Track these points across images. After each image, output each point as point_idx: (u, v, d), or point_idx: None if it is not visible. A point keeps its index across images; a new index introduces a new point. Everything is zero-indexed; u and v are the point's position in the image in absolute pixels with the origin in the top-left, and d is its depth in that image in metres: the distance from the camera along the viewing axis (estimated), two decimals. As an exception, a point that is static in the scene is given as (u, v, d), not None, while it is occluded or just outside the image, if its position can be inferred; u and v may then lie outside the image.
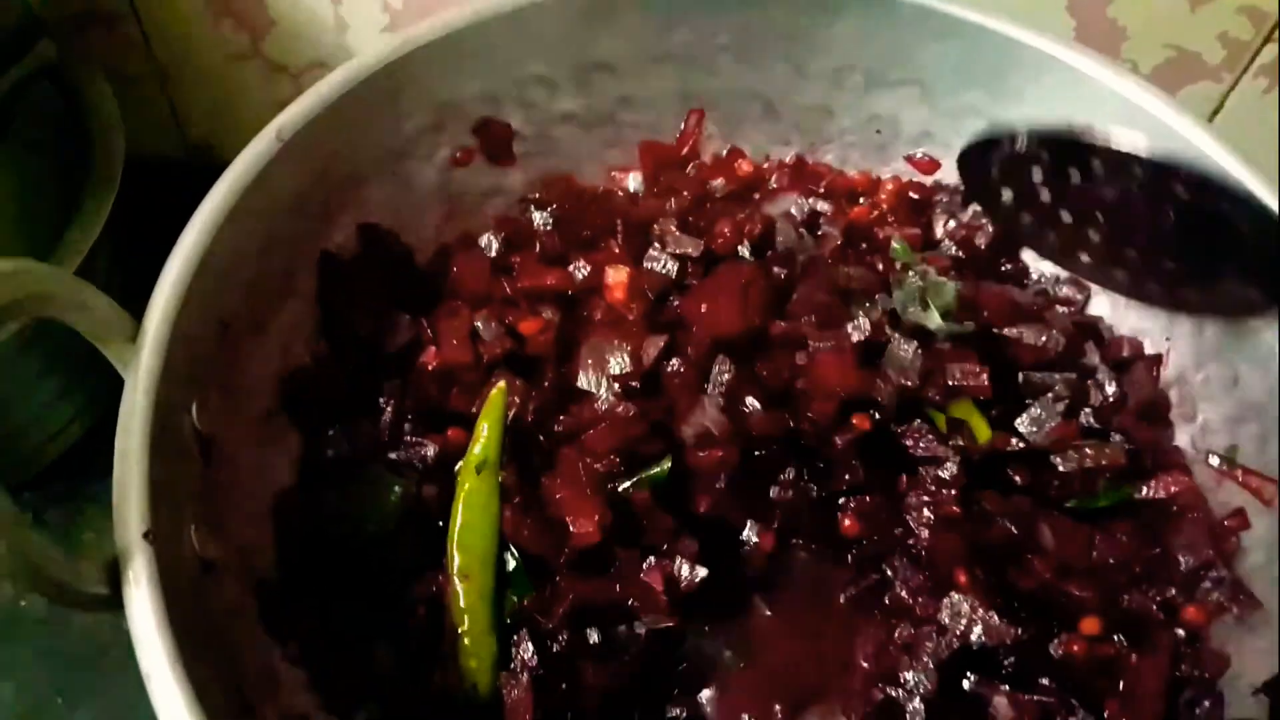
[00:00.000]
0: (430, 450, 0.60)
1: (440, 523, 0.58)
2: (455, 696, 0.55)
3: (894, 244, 0.68)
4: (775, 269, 0.64)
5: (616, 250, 0.66)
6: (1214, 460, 0.62)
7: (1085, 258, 0.64)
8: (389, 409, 0.62)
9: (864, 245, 0.70)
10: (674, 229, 0.66)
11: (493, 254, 0.67)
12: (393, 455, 0.60)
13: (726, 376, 0.59)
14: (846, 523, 0.61)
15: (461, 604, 0.55)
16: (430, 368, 0.62)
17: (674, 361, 0.60)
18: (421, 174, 0.67)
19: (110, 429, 0.52)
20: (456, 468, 0.59)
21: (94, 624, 0.80)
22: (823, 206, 0.71)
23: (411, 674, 0.55)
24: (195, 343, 0.52)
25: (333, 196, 0.63)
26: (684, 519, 0.58)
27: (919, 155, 0.74)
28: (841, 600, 0.60)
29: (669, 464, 0.58)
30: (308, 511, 0.59)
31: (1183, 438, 0.65)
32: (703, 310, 0.62)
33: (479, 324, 0.63)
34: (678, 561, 0.56)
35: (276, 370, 0.60)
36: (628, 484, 0.58)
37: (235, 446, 0.55)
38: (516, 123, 0.70)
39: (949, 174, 0.73)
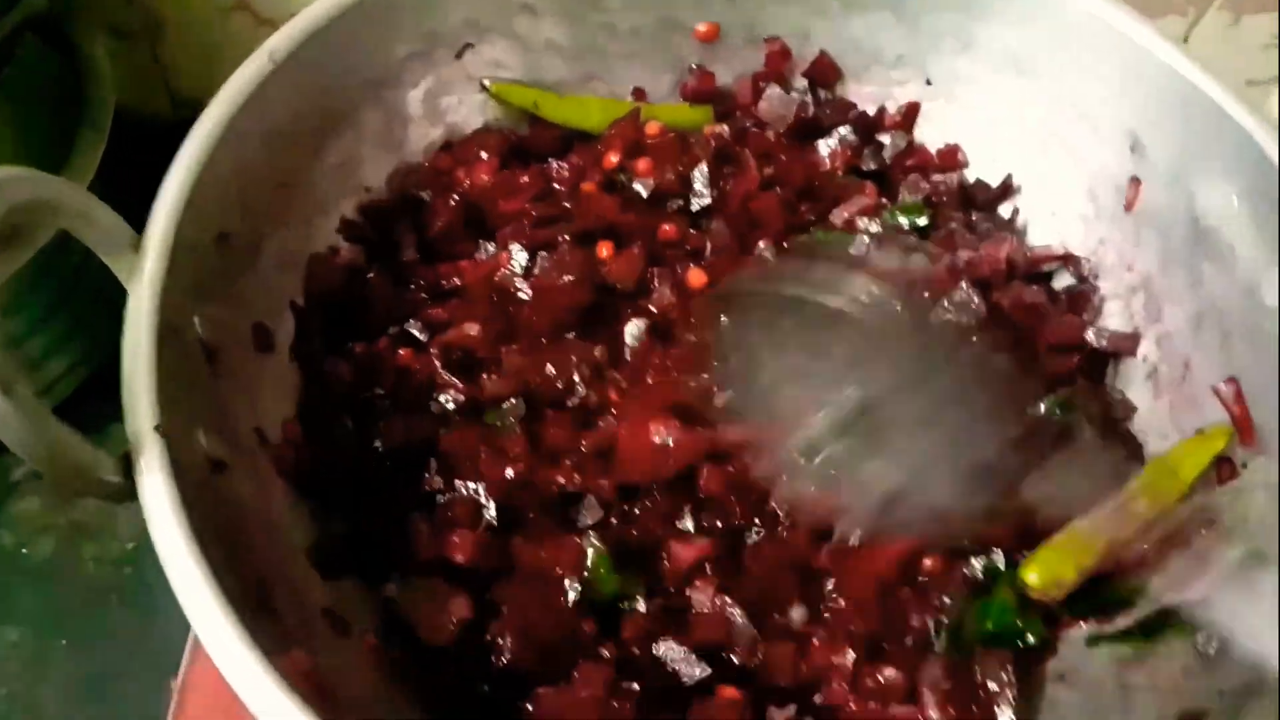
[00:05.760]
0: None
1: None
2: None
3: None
4: None
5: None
6: (1220, 386, 0.62)
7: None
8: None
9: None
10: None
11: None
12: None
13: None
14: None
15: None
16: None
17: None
18: (409, 99, 0.69)
19: (106, 382, 0.53)
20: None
21: (97, 568, 0.82)
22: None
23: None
24: (197, 253, 0.54)
25: (326, 120, 0.64)
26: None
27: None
28: None
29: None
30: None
31: (1148, 343, 0.68)
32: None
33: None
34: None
35: (275, 288, 0.62)
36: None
37: (240, 360, 0.57)
38: (500, 52, 0.71)
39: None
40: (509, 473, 0.61)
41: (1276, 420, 0.59)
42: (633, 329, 0.67)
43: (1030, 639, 0.58)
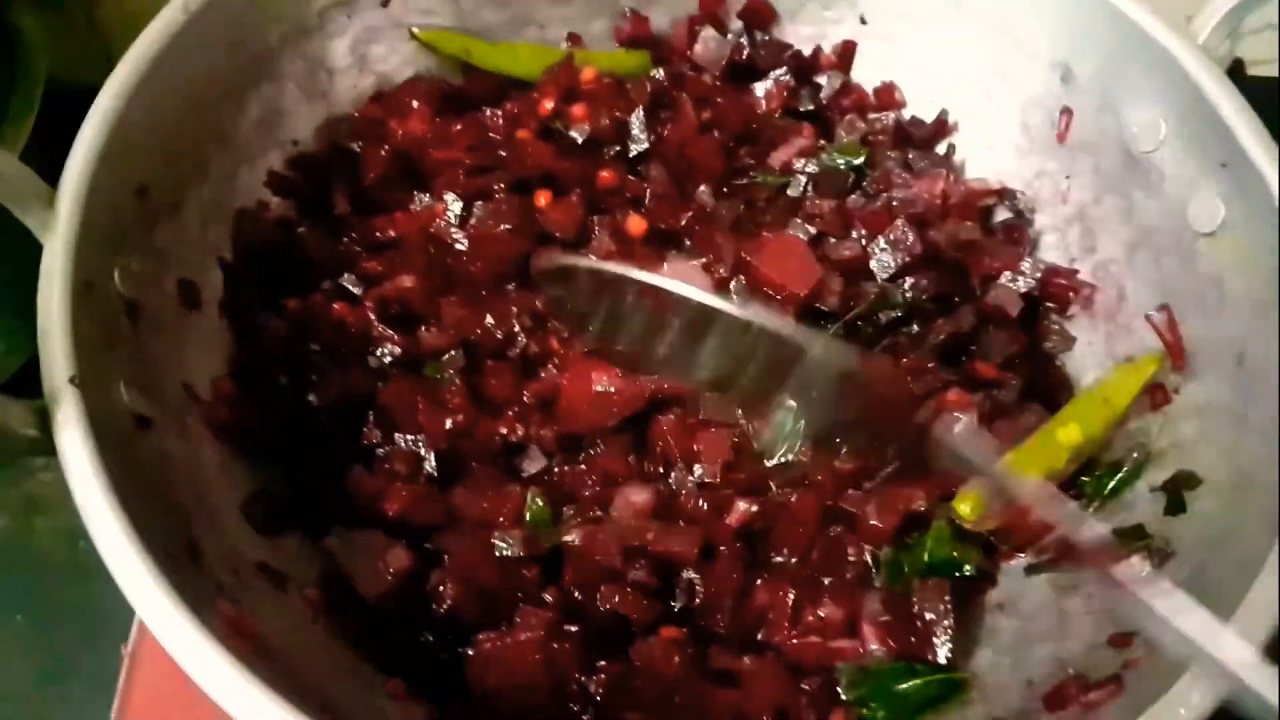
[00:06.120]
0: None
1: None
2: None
3: None
4: None
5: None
6: (1153, 314, 0.63)
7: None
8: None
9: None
10: None
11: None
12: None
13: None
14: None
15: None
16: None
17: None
18: (333, 49, 0.68)
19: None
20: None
21: (50, 543, 0.81)
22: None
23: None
24: (114, 207, 0.53)
25: (246, 71, 0.63)
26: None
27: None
28: None
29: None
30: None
31: (1085, 273, 0.68)
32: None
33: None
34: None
35: (200, 243, 0.61)
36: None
37: (166, 316, 0.57)
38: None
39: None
40: (449, 424, 0.61)
41: (1207, 342, 0.59)
42: (574, 278, 0.66)
43: (967, 569, 0.59)
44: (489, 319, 0.64)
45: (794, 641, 0.58)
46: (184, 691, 0.43)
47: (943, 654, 0.57)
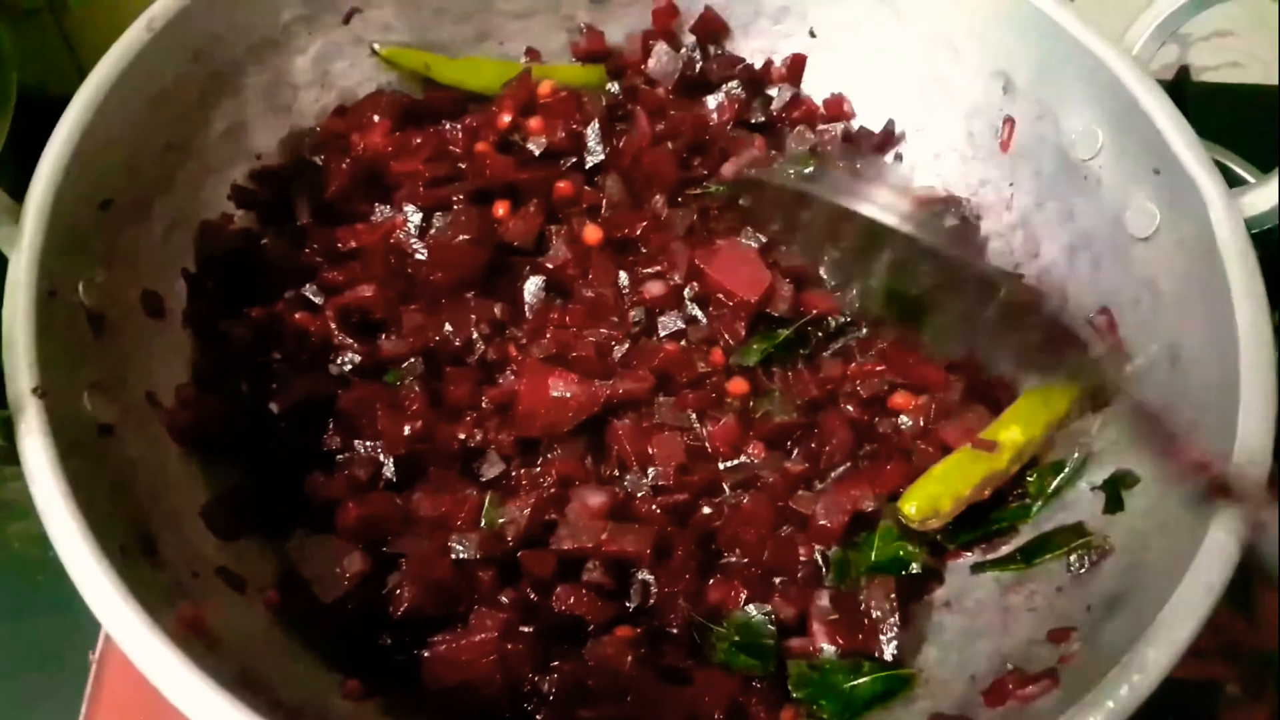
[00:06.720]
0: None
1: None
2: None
3: None
4: None
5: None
6: (1094, 316, 0.65)
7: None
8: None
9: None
10: None
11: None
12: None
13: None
14: None
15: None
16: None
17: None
18: (296, 65, 0.70)
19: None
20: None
21: (23, 547, 0.82)
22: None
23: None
24: (79, 220, 0.55)
25: (210, 85, 0.65)
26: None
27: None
28: None
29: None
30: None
31: (1030, 277, 0.70)
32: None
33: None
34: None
35: (164, 255, 0.62)
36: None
37: (130, 326, 0.58)
38: (389, 15, 0.72)
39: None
40: (408, 430, 0.62)
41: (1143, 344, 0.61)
42: (531, 286, 0.68)
43: (914, 568, 0.60)
44: (448, 326, 0.66)
45: None
46: (150, 698, 0.44)
47: (889, 651, 0.58)
